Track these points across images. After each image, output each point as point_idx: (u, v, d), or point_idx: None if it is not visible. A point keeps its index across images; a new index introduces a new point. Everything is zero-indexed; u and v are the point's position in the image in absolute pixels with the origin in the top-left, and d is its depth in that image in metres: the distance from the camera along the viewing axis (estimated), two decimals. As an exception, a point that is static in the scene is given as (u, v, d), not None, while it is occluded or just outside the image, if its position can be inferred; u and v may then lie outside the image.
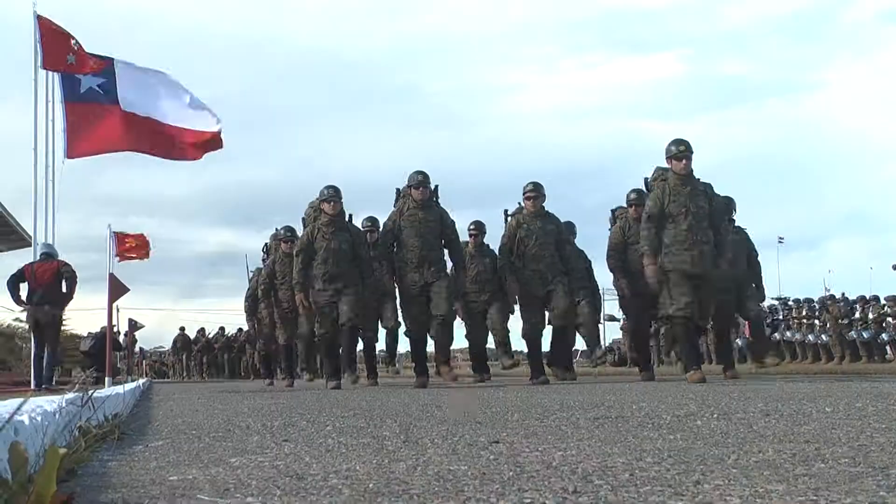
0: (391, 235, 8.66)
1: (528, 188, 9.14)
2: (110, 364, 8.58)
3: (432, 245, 8.57)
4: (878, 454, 1.71)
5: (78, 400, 2.37)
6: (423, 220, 8.53)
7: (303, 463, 1.85)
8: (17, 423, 1.54)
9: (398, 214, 8.59)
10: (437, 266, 8.61)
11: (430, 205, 8.64)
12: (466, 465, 1.71)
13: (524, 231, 8.97)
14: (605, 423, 2.68)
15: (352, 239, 8.83)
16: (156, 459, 2.02)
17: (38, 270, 10.93)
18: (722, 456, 1.75)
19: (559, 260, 9.02)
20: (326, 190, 8.80)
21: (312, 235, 8.73)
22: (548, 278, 8.87)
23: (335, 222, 8.73)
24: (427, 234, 8.51)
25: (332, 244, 8.64)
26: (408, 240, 8.48)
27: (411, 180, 8.64)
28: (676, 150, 7.76)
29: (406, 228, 8.49)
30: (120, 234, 15.27)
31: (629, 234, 9.09)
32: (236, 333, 28.73)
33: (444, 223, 8.64)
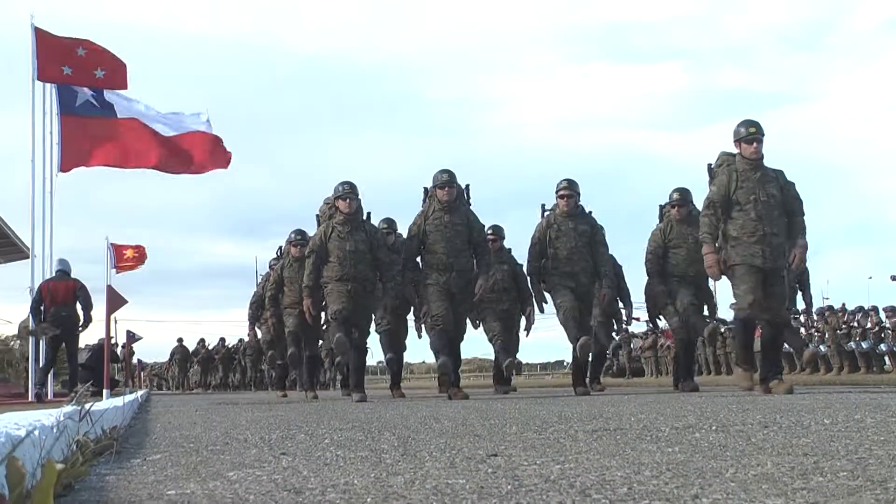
0: (417, 241, 8.08)
1: (561, 185, 8.55)
2: (108, 376, 8.56)
3: (459, 251, 8.00)
4: (877, 467, 1.71)
5: (76, 413, 2.37)
6: (450, 223, 7.98)
7: (301, 477, 1.85)
8: (14, 437, 1.53)
9: (423, 217, 8.03)
10: (463, 274, 8.03)
11: (457, 206, 8.07)
12: (464, 479, 1.71)
13: (555, 231, 8.46)
14: (604, 436, 2.68)
15: (369, 240, 8.14)
16: (154, 473, 2.02)
17: (52, 288, 11.16)
18: (720, 469, 1.75)
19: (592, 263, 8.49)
20: (342, 186, 8.14)
21: (326, 235, 8.06)
22: (581, 281, 8.40)
23: (351, 221, 8.06)
24: (453, 238, 7.97)
25: (348, 245, 7.98)
26: (433, 245, 7.96)
27: (436, 180, 8.05)
28: (746, 133, 7.00)
29: (432, 233, 7.95)
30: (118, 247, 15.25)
31: (670, 238, 8.72)
32: (237, 344, 28.58)
33: (471, 226, 8.09)
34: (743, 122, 7.07)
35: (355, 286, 7.95)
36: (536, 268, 8.59)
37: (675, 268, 8.69)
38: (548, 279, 8.51)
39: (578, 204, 8.62)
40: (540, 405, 5.50)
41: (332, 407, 6.58)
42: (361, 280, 7.99)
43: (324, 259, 8.01)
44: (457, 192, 8.07)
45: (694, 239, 8.21)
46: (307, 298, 8.18)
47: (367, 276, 8.05)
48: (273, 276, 10.97)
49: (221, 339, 30.18)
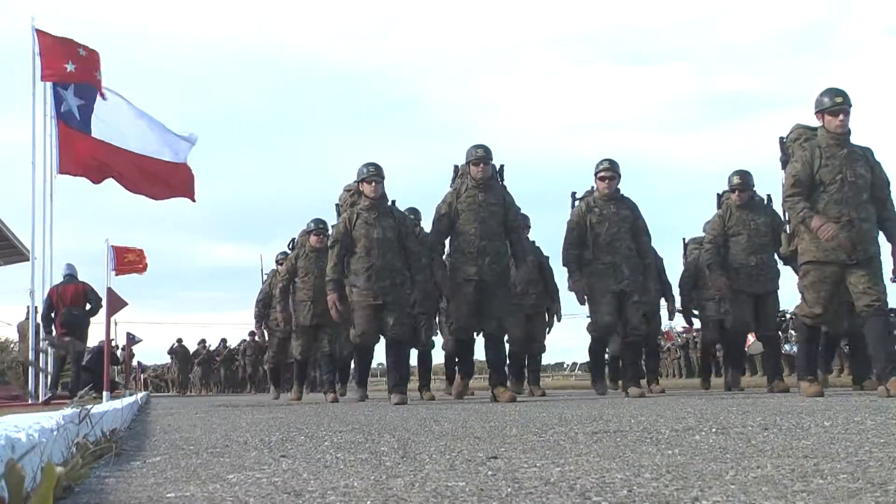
0: (447, 220, 7.26)
1: (602, 166, 7.79)
2: (108, 378, 8.55)
3: (493, 233, 7.20)
4: (877, 469, 1.71)
5: (76, 416, 2.37)
6: (484, 202, 7.20)
7: (300, 479, 1.85)
8: (14, 440, 1.53)
9: (454, 196, 7.26)
10: (497, 260, 7.21)
11: (492, 185, 7.30)
12: (464, 482, 1.71)
13: (595, 217, 7.68)
14: (604, 438, 2.67)
15: (398, 227, 7.45)
16: (153, 476, 2.01)
17: (62, 292, 11.61)
18: (720, 471, 1.75)
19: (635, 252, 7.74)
20: (366, 168, 7.42)
21: (350, 223, 7.35)
22: (623, 272, 7.61)
23: (378, 206, 7.39)
24: (488, 219, 7.18)
25: (375, 232, 7.29)
26: (465, 226, 7.18)
27: (469, 155, 7.28)
28: (831, 103, 6.00)
29: (463, 213, 7.18)
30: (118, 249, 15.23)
31: (730, 225, 8.08)
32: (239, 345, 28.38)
33: (507, 207, 7.29)
34: (827, 90, 6.10)
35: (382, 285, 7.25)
36: (575, 256, 7.75)
37: (735, 258, 8.05)
38: (586, 271, 7.72)
39: (618, 187, 7.87)
40: (540, 407, 5.49)
41: (331, 409, 6.57)
42: (390, 271, 7.31)
43: (349, 249, 7.36)
44: (492, 170, 7.33)
45: (756, 225, 7.95)
46: (332, 293, 7.36)
47: (396, 266, 7.37)
48: (286, 266, 10.00)
49: (223, 340, 29.85)
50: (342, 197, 8.08)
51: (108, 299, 8.92)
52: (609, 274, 7.61)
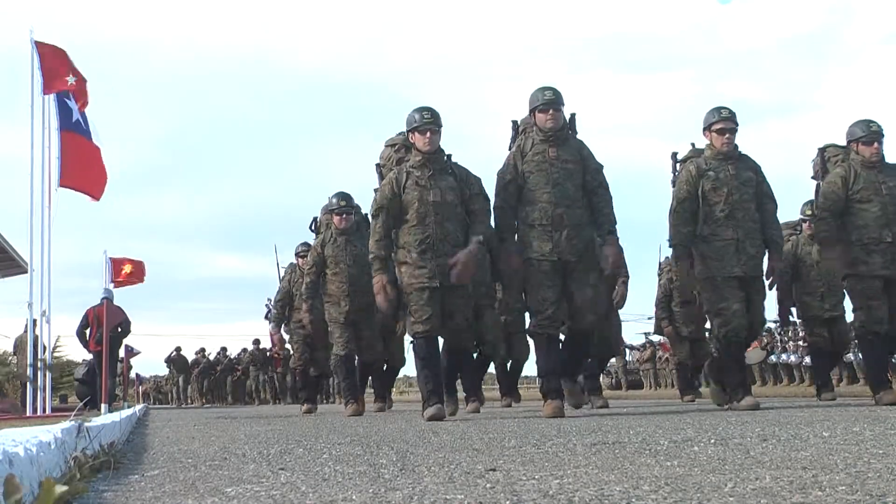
0: (514, 187, 5.69)
1: (722, 114, 6.07)
2: (106, 391, 8.54)
3: (571, 198, 5.63)
4: (876, 481, 1.71)
5: (73, 429, 2.37)
6: (557, 160, 5.65)
7: (299, 492, 1.84)
8: (11, 454, 1.53)
9: (518, 156, 5.72)
10: (578, 233, 5.64)
11: (566, 137, 5.76)
12: (463, 494, 1.71)
13: (710, 181, 6.00)
14: (602, 449, 2.67)
15: (459, 188, 5.84)
16: (151, 490, 2.01)
17: (98, 312, 12.57)
18: (719, 483, 1.75)
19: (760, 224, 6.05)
20: (419, 114, 5.80)
21: (399, 185, 5.79)
22: (747, 251, 5.96)
23: (433, 162, 5.81)
24: (563, 181, 5.63)
25: (431, 194, 5.73)
26: (535, 192, 5.64)
27: (535, 101, 5.75)
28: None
29: (532, 175, 5.65)
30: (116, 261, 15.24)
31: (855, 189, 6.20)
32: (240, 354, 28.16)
33: (586, 164, 5.72)
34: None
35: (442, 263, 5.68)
36: (686, 236, 6.09)
37: (864, 230, 6.20)
38: (699, 252, 6.09)
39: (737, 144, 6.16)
40: (538, 418, 5.49)
41: (329, 421, 6.56)
42: (451, 244, 5.72)
43: (398, 218, 5.80)
44: (564, 119, 5.80)
45: (889, 190, 6.18)
46: (380, 274, 5.78)
47: (458, 238, 5.77)
48: (311, 257, 8.32)
49: (223, 349, 29.06)
50: (384, 154, 6.59)
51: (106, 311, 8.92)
52: (731, 254, 5.95)
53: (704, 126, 6.15)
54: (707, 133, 6.15)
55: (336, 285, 7.99)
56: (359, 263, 7.68)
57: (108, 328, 9.02)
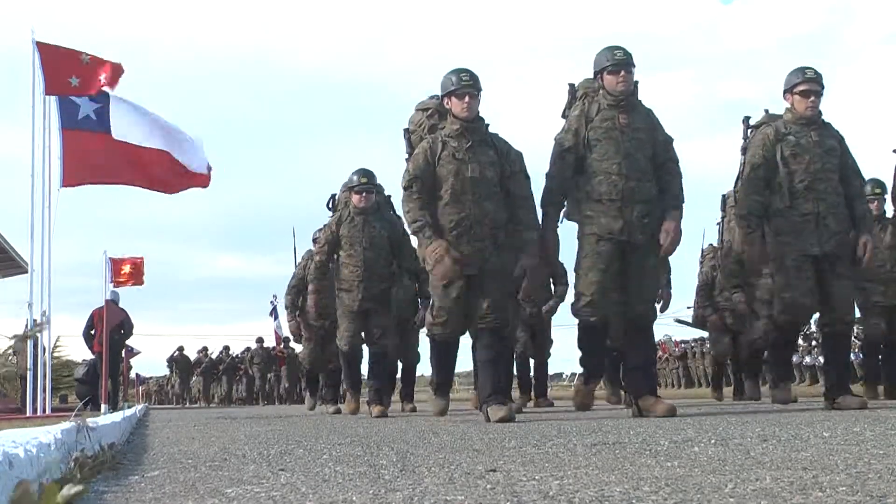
0: (573, 157, 5.06)
1: (807, 75, 5.47)
2: (106, 391, 8.54)
3: (643, 171, 5.04)
4: (876, 482, 1.71)
5: (74, 430, 2.37)
6: (628, 128, 5.04)
7: (299, 493, 1.84)
8: (12, 455, 1.53)
9: (582, 122, 5.06)
10: (650, 211, 5.04)
11: (635, 104, 5.16)
12: (463, 496, 1.71)
13: (789, 147, 5.39)
14: (603, 450, 2.67)
15: (500, 162, 5.21)
16: (152, 490, 2.01)
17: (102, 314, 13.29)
18: (719, 484, 1.75)
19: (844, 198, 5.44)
20: (456, 76, 5.15)
21: (433, 156, 5.15)
22: (829, 228, 5.37)
23: (473, 132, 5.18)
24: (633, 151, 5.02)
25: (469, 169, 5.08)
26: (601, 162, 5.01)
27: (604, 60, 5.11)
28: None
29: (598, 144, 5.02)
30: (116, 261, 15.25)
31: None
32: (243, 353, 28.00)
33: (656, 134, 5.15)
34: None
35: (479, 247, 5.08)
36: (759, 205, 5.48)
37: None
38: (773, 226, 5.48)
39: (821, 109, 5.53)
40: (539, 419, 5.49)
41: (329, 422, 6.56)
42: (490, 227, 5.11)
43: (431, 191, 5.15)
44: (634, 83, 5.17)
45: None
46: (434, 240, 4.99)
47: (498, 219, 5.16)
48: (324, 235, 7.62)
49: (225, 347, 28.62)
50: (415, 119, 5.82)
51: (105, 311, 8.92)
52: (809, 230, 5.36)
53: (786, 88, 5.55)
54: (788, 96, 5.55)
55: (349, 269, 7.30)
56: (376, 247, 7.21)
57: (107, 328, 9.02)
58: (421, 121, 5.73)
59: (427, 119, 5.66)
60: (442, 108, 5.48)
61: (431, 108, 5.70)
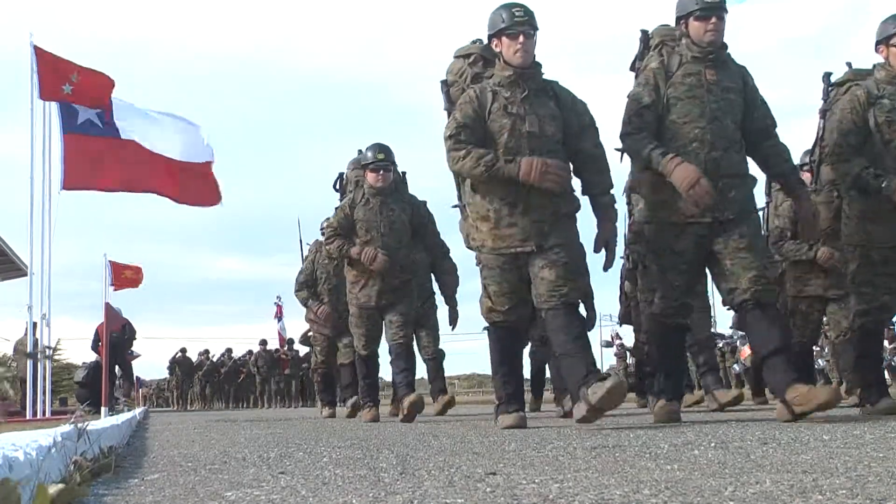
0: (652, 113, 4.30)
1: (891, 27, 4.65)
2: (106, 394, 8.54)
3: (730, 139, 4.28)
4: (876, 485, 1.71)
5: (73, 433, 2.37)
6: (717, 86, 4.28)
7: (299, 496, 1.84)
8: (11, 459, 1.53)
9: (661, 75, 4.31)
10: (740, 183, 4.32)
11: (726, 59, 4.38)
12: (463, 499, 1.71)
13: (884, 112, 4.58)
14: (603, 453, 2.67)
15: (563, 115, 4.42)
16: (151, 494, 2.01)
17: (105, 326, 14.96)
18: (719, 487, 1.75)
19: None
20: (506, 13, 4.37)
21: (482, 107, 4.36)
22: None
23: (529, 79, 4.40)
24: (722, 114, 4.26)
25: (526, 123, 4.31)
26: (681, 126, 4.26)
27: (689, 4, 4.33)
28: None
29: (679, 102, 4.26)
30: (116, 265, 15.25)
31: None
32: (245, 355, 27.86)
33: (751, 95, 4.37)
34: None
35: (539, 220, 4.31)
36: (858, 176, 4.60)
37: None
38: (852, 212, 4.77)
39: None
40: (539, 422, 5.49)
41: (329, 424, 6.55)
42: (550, 195, 4.31)
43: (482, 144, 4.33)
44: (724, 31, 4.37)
45: None
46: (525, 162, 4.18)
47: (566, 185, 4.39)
48: (335, 217, 6.61)
49: (227, 350, 28.51)
50: (454, 68, 4.88)
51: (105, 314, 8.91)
52: None
53: (879, 39, 4.70)
54: (882, 48, 4.70)
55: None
56: (396, 232, 6.36)
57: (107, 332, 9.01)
58: (462, 69, 4.79)
59: (469, 67, 4.74)
60: (488, 54, 4.65)
61: (474, 53, 4.76)
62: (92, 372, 16.59)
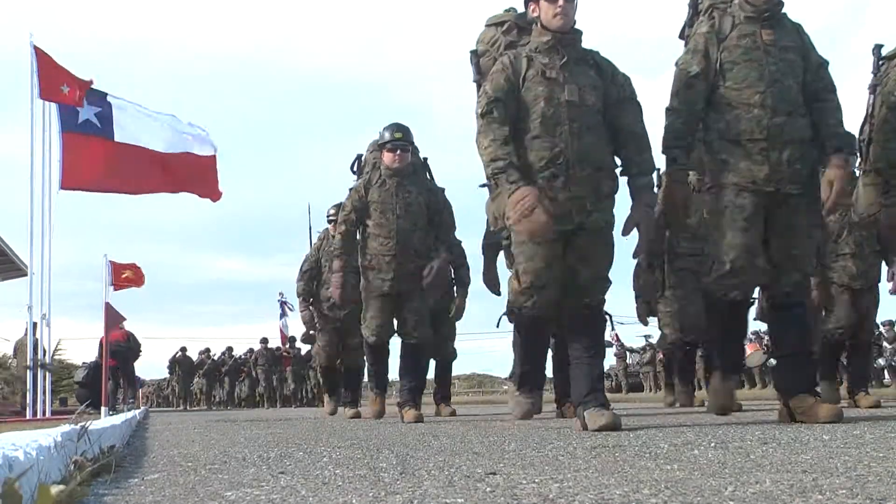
0: (702, 83, 3.99)
1: None
2: (106, 394, 8.54)
3: (794, 102, 3.94)
4: (876, 485, 1.71)
5: (74, 433, 2.37)
6: (774, 46, 3.95)
7: (298, 496, 1.84)
8: (12, 458, 1.53)
9: (712, 39, 4.00)
10: (804, 154, 3.95)
11: (781, 17, 4.06)
12: (463, 499, 1.71)
13: None
14: (602, 453, 2.67)
15: (604, 85, 4.06)
16: (151, 494, 2.01)
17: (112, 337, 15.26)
18: (719, 487, 1.75)
19: None
20: None
21: (516, 74, 3.98)
22: None
23: (568, 44, 4.05)
24: (783, 76, 3.92)
25: (566, 92, 3.94)
26: (738, 91, 3.93)
27: None
28: None
29: (735, 66, 3.94)
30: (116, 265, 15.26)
31: None
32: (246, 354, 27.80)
33: (807, 55, 4.03)
34: None
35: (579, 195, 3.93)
36: None
37: None
38: None
39: None
40: (538, 421, 5.48)
41: (329, 424, 6.55)
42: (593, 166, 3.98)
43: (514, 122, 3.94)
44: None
45: None
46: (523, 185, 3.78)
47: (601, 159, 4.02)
48: (350, 200, 6.29)
49: (228, 349, 28.39)
50: (486, 36, 4.66)
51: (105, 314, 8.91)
52: None
53: None
54: None
55: (379, 242, 6.10)
56: (411, 215, 6.08)
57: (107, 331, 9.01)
58: (494, 38, 4.53)
59: (503, 35, 4.48)
60: (522, 22, 4.40)
61: (508, 21, 4.52)
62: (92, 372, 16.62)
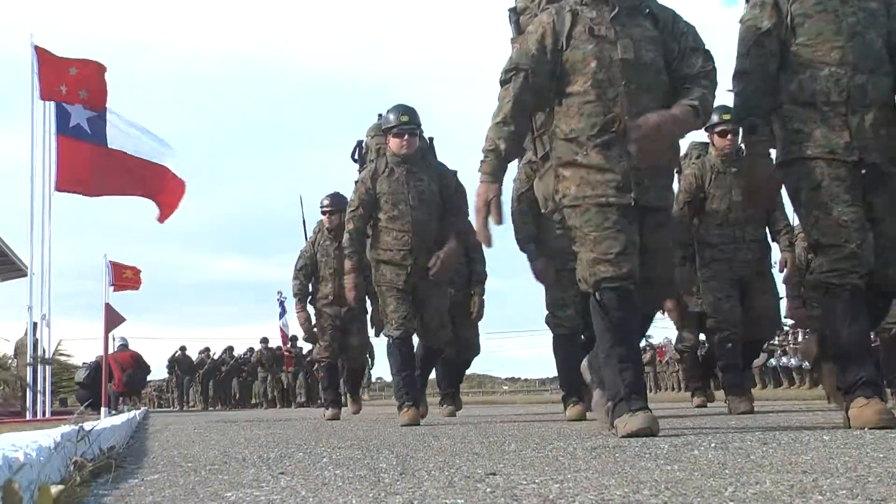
0: (774, 41, 3.49)
1: None
2: (106, 394, 8.54)
3: (878, 58, 3.44)
4: (876, 485, 1.71)
5: (74, 433, 2.37)
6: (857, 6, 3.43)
7: (299, 497, 1.84)
8: (11, 459, 1.53)
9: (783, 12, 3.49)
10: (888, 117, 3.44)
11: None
12: (463, 499, 1.71)
13: None
14: (603, 453, 2.67)
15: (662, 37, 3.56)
16: (151, 494, 2.01)
17: (119, 358, 16.35)
18: (719, 488, 1.75)
19: None
20: None
21: (556, 34, 3.52)
22: None
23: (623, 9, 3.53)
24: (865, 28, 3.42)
25: (619, 49, 3.47)
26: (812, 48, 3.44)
27: None
28: None
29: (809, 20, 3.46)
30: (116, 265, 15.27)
31: None
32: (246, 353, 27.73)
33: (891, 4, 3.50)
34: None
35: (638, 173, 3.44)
36: None
37: None
38: None
39: None
40: (538, 422, 5.49)
41: (329, 425, 6.55)
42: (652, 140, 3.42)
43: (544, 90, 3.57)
44: None
45: None
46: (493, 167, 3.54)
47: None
48: (356, 192, 5.83)
49: (228, 348, 28.14)
50: None
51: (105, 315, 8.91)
52: None
53: None
54: None
55: (393, 235, 5.66)
56: (426, 204, 5.66)
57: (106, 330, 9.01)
58: None
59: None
60: None
61: None
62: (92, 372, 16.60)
